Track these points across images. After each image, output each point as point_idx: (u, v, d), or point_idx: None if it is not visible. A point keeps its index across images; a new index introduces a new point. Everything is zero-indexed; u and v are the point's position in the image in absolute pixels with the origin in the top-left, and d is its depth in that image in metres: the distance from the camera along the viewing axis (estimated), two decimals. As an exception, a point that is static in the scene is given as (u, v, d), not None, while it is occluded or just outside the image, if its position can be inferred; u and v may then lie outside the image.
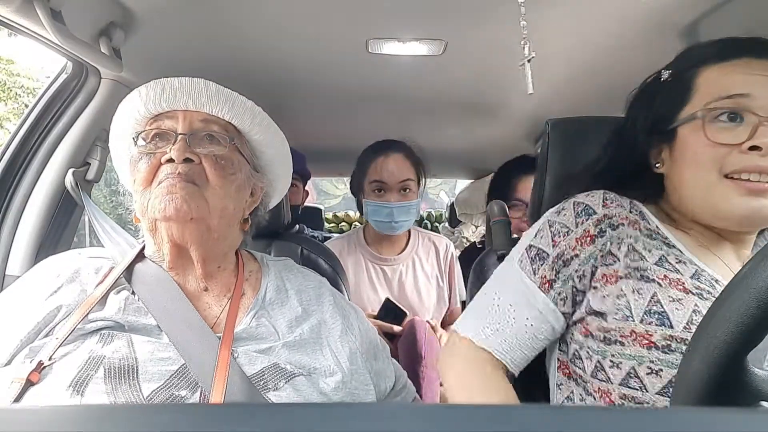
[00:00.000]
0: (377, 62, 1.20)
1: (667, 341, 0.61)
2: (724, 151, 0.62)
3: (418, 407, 0.30)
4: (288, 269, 0.88)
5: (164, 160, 0.72)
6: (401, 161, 1.52)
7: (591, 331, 0.68)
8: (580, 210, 0.71)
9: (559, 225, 0.72)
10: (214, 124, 0.76)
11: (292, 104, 1.57)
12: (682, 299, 0.62)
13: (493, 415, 0.25)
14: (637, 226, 0.70)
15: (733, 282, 0.43)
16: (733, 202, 0.62)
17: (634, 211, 0.72)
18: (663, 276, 0.65)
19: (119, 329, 0.68)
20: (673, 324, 0.61)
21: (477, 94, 1.49)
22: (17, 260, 1.08)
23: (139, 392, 0.61)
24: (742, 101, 0.62)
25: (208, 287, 0.78)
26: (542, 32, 1.03)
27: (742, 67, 0.63)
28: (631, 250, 0.67)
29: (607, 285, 0.67)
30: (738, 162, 0.61)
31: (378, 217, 1.53)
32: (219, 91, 0.75)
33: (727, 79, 0.64)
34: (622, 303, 0.65)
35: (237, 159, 0.77)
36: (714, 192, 0.64)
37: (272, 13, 0.98)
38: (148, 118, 0.77)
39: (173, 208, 0.69)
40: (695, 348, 0.45)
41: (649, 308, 0.63)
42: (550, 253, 0.71)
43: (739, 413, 0.28)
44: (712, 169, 0.63)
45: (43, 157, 1.11)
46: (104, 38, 0.97)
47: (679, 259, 0.67)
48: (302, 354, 0.74)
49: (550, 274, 0.71)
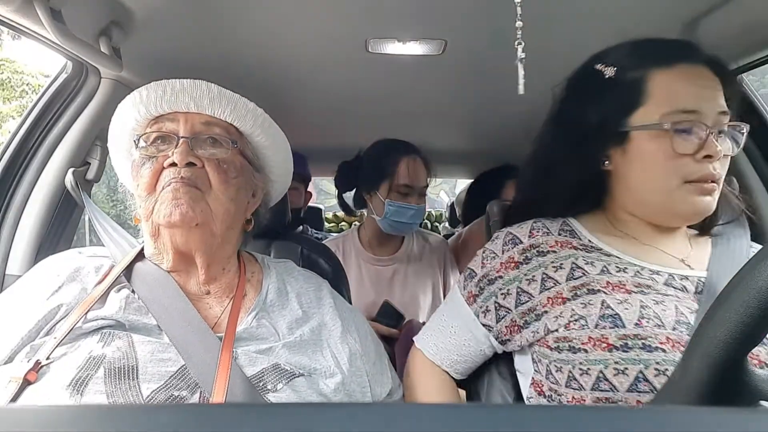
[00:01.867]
0: (377, 62, 1.19)
1: (622, 341, 0.65)
2: (685, 160, 0.69)
3: (416, 407, 0.30)
4: (289, 271, 0.88)
5: (167, 164, 0.71)
6: (422, 166, 1.56)
7: (555, 346, 0.71)
8: (508, 240, 0.81)
9: (489, 251, 0.83)
10: (216, 127, 0.76)
11: (292, 104, 1.57)
12: (627, 299, 0.68)
13: (493, 415, 0.25)
14: (571, 245, 0.77)
15: (733, 282, 0.43)
16: (690, 203, 0.70)
17: (564, 233, 0.79)
18: (606, 283, 0.70)
19: (120, 328, 0.68)
20: (625, 323, 0.66)
21: (477, 94, 1.49)
22: (17, 259, 1.08)
23: (138, 393, 0.61)
24: (693, 116, 0.69)
25: (210, 291, 0.78)
26: (541, 31, 1.02)
27: (685, 75, 0.70)
28: (574, 268, 0.73)
29: (554, 306, 0.72)
30: (698, 170, 0.69)
31: (398, 217, 1.54)
32: (221, 93, 0.75)
33: (678, 89, 0.70)
34: (575, 317, 0.69)
35: (239, 162, 0.77)
36: (675, 196, 0.70)
37: (272, 13, 0.98)
38: (149, 120, 0.77)
39: (179, 214, 0.69)
40: (695, 348, 0.45)
41: (602, 313, 0.68)
42: (478, 272, 0.82)
43: (739, 413, 0.28)
44: (674, 176, 0.70)
45: (43, 156, 1.10)
46: (104, 38, 0.96)
47: (619, 267, 0.73)
48: (302, 355, 0.73)
49: (476, 289, 0.82)
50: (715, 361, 0.42)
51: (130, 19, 0.98)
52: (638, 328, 0.65)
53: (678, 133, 0.69)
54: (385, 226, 1.57)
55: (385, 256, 1.62)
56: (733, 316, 0.41)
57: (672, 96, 0.70)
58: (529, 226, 0.81)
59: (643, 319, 0.65)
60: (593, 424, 0.24)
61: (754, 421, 0.24)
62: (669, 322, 0.65)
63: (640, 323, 0.65)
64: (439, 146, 2.26)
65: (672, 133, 0.69)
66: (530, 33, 0.66)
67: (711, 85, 0.71)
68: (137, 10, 0.96)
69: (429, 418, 0.25)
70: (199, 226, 0.72)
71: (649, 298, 0.68)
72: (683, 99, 0.69)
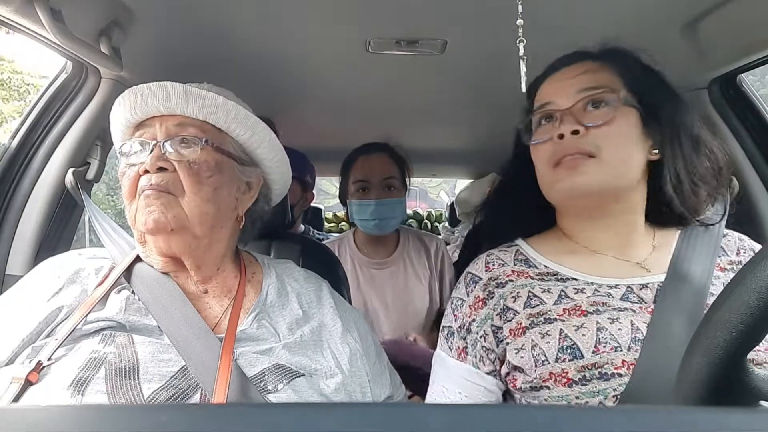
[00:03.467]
0: (377, 62, 1.19)
1: (581, 373, 0.65)
2: (548, 148, 0.74)
3: (416, 407, 0.30)
4: (289, 271, 0.88)
5: (141, 171, 0.71)
6: (384, 159, 1.54)
7: (519, 384, 0.71)
8: (469, 280, 0.80)
9: (456, 300, 0.81)
10: (190, 127, 0.74)
11: (292, 104, 1.57)
12: (584, 323, 0.68)
13: (493, 415, 0.25)
14: (527, 275, 0.77)
15: (734, 281, 0.43)
16: (562, 182, 0.72)
17: (519, 263, 0.79)
18: (562, 311, 0.70)
19: (121, 329, 0.68)
20: (583, 353, 0.65)
21: (477, 94, 1.49)
22: (17, 260, 1.08)
23: (139, 392, 0.61)
24: (548, 107, 0.75)
25: (207, 290, 0.78)
26: (541, 30, 1.02)
27: (554, 80, 0.77)
28: (531, 297, 0.73)
29: (516, 338, 0.71)
30: (555, 152, 0.72)
31: (362, 216, 1.53)
32: (187, 91, 0.73)
33: (542, 92, 0.78)
34: (536, 352, 0.68)
35: (213, 159, 0.75)
36: (551, 181, 0.74)
37: (272, 12, 0.98)
38: (133, 126, 0.77)
39: (152, 221, 0.69)
40: (695, 348, 0.45)
41: (561, 345, 0.67)
42: (454, 326, 0.80)
43: (739, 413, 0.28)
44: (544, 165, 0.75)
45: (43, 156, 1.10)
46: (104, 38, 0.96)
47: (577, 289, 0.73)
48: (303, 356, 0.74)
49: (461, 343, 0.78)
50: (715, 361, 0.42)
51: (130, 19, 0.98)
52: (595, 356, 0.65)
53: (538, 126, 0.77)
54: (362, 228, 1.58)
55: (380, 259, 1.60)
56: (733, 316, 0.41)
57: (538, 100, 0.78)
58: (483, 260, 0.81)
59: (600, 345, 0.65)
60: (594, 424, 0.24)
61: (754, 421, 0.24)
62: (625, 341, 0.65)
63: (597, 350, 0.65)
64: (440, 146, 2.27)
65: (533, 126, 0.77)
66: (530, 32, 0.66)
67: (575, 74, 0.74)
68: (137, 10, 0.96)
69: (429, 418, 0.25)
70: (176, 231, 0.71)
71: (604, 317, 0.67)
72: (540, 99, 0.77)
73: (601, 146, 0.69)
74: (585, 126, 0.70)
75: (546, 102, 0.75)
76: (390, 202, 1.52)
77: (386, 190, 1.52)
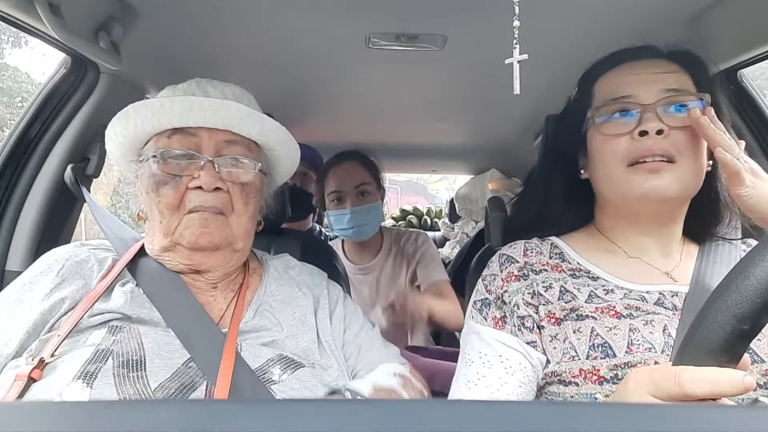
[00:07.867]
0: (377, 57, 1.19)
1: (613, 371, 0.64)
2: (622, 143, 0.70)
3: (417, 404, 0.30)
4: (287, 264, 0.89)
5: (192, 186, 0.70)
6: (355, 167, 1.55)
7: (546, 379, 0.70)
8: (504, 260, 0.80)
9: (489, 276, 0.80)
10: (239, 146, 0.75)
11: (292, 100, 1.57)
12: (617, 325, 0.67)
13: (495, 412, 0.25)
14: (560, 269, 0.76)
15: (734, 272, 0.43)
16: (637, 185, 0.69)
17: (554, 256, 0.79)
18: (595, 309, 0.69)
19: (127, 321, 0.68)
20: (615, 352, 0.65)
21: (477, 89, 1.48)
22: (17, 255, 1.08)
23: (146, 384, 0.61)
24: (629, 100, 0.70)
25: (217, 286, 0.79)
26: (540, 27, 1.02)
27: (626, 70, 0.73)
28: (564, 291, 0.73)
29: (551, 325, 0.71)
30: (634, 150, 0.68)
31: (340, 225, 1.55)
32: (250, 114, 0.74)
33: (615, 83, 0.73)
34: (567, 345, 0.68)
35: (260, 180, 0.78)
36: (621, 180, 0.70)
37: (272, 8, 0.97)
38: (169, 130, 0.74)
39: (206, 242, 0.71)
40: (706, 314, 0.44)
41: (592, 343, 0.66)
42: (490, 298, 0.78)
43: (739, 412, 0.28)
44: (615, 162, 0.70)
45: (42, 152, 1.10)
46: (103, 33, 0.96)
47: (606, 290, 0.72)
48: (304, 346, 0.75)
49: (498, 313, 0.76)
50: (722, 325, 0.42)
51: (129, 14, 0.97)
52: (628, 356, 0.64)
53: (609, 119, 0.72)
54: (343, 237, 1.61)
55: (365, 264, 1.64)
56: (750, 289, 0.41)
57: (608, 90, 0.74)
58: (522, 246, 0.81)
59: (632, 345, 0.65)
60: (594, 421, 0.24)
61: (754, 421, 0.25)
62: (658, 344, 0.64)
63: (630, 350, 0.64)
64: (439, 142, 2.26)
65: (601, 119, 0.72)
66: (529, 31, 0.66)
67: (655, 72, 0.71)
68: (136, 6, 0.96)
69: (429, 416, 0.25)
70: (221, 248, 0.74)
71: (638, 321, 0.67)
72: (614, 90, 0.73)
73: (682, 152, 0.68)
74: (669, 126, 0.68)
75: (625, 94, 0.71)
76: (365, 209, 1.54)
77: (360, 197, 1.54)
